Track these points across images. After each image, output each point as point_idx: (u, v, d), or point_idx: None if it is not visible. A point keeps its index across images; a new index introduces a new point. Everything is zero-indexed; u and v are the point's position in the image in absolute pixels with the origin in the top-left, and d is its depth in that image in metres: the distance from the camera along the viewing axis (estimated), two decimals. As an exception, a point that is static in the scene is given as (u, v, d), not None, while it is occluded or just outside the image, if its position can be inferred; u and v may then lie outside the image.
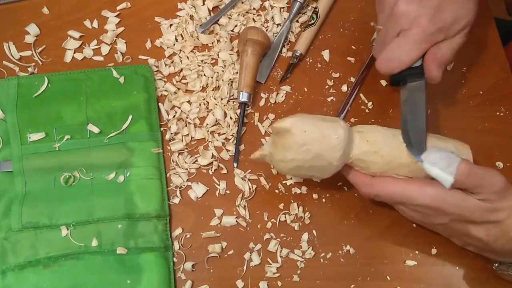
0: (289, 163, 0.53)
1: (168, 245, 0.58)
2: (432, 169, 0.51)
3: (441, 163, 0.51)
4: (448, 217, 0.53)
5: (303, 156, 0.52)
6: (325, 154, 0.52)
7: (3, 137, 0.61)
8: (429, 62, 0.55)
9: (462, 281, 0.59)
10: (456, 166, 0.50)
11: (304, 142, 0.52)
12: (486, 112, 0.67)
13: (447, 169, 0.50)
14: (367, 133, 0.54)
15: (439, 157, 0.51)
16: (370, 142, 0.54)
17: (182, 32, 0.68)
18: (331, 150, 0.52)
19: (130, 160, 0.61)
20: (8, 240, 0.56)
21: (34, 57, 0.66)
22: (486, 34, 0.72)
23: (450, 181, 0.50)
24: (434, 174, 0.51)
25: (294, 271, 0.59)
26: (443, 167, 0.51)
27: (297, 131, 0.52)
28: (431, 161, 0.51)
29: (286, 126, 0.52)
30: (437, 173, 0.51)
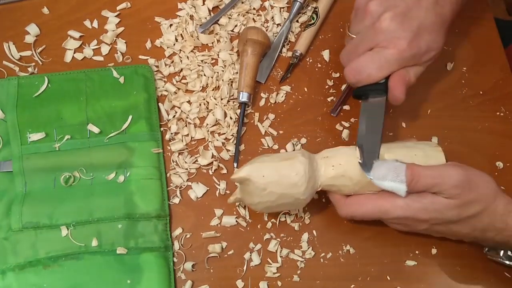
0: (258, 205, 0.56)
1: (168, 245, 0.58)
2: (383, 183, 0.51)
3: (390, 175, 0.51)
4: (426, 223, 0.53)
5: (268, 198, 0.54)
6: (289, 192, 0.54)
7: (3, 137, 0.61)
8: (396, 83, 0.55)
9: (462, 281, 0.59)
10: (403, 173, 0.51)
11: (265, 186, 0.53)
12: (486, 112, 0.67)
13: (397, 179, 0.51)
14: (332, 158, 0.55)
15: (387, 169, 0.52)
16: (335, 167, 0.54)
17: (182, 32, 0.68)
18: (293, 187, 0.53)
19: (130, 160, 0.61)
20: (8, 240, 0.56)
21: (34, 57, 0.66)
22: (486, 34, 0.72)
23: (403, 189, 0.51)
24: (387, 188, 0.51)
25: (294, 271, 0.59)
26: (393, 178, 0.51)
27: (255, 178, 0.53)
28: (379, 176, 0.52)
29: (244, 176, 0.53)
30: (389, 186, 0.51)
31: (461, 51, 0.70)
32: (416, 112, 0.67)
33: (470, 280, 0.59)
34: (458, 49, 0.70)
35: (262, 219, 0.61)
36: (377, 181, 0.52)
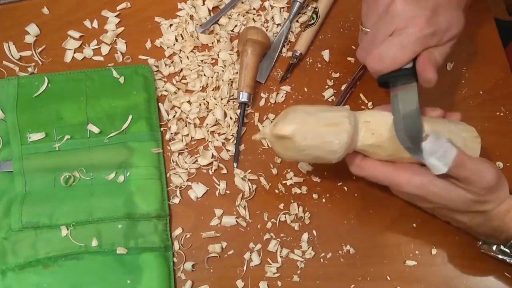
0: (288, 157, 0.54)
1: (168, 245, 0.58)
2: (428, 158, 0.51)
3: (438, 154, 0.50)
4: (432, 204, 0.55)
5: (303, 158, 0.53)
6: (325, 156, 0.52)
7: (3, 137, 0.61)
8: (425, 64, 0.53)
9: (462, 281, 0.59)
10: (452, 158, 0.50)
11: (304, 148, 0.52)
12: (486, 112, 0.67)
13: (443, 160, 0.50)
14: (373, 124, 0.53)
15: (438, 147, 0.51)
16: (375, 135, 0.53)
17: (182, 32, 0.68)
18: (331, 153, 0.52)
19: (130, 160, 0.61)
20: (8, 240, 0.56)
21: (34, 57, 0.66)
22: (486, 34, 0.72)
23: (443, 171, 0.50)
24: (429, 163, 0.51)
25: (294, 271, 0.59)
26: (439, 158, 0.50)
27: (297, 139, 0.51)
28: (428, 151, 0.51)
29: (287, 135, 0.51)
30: (432, 163, 0.51)
31: (461, 51, 0.70)
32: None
33: (470, 280, 0.59)
34: (458, 49, 0.70)
35: (262, 219, 0.61)
36: (425, 155, 0.51)
